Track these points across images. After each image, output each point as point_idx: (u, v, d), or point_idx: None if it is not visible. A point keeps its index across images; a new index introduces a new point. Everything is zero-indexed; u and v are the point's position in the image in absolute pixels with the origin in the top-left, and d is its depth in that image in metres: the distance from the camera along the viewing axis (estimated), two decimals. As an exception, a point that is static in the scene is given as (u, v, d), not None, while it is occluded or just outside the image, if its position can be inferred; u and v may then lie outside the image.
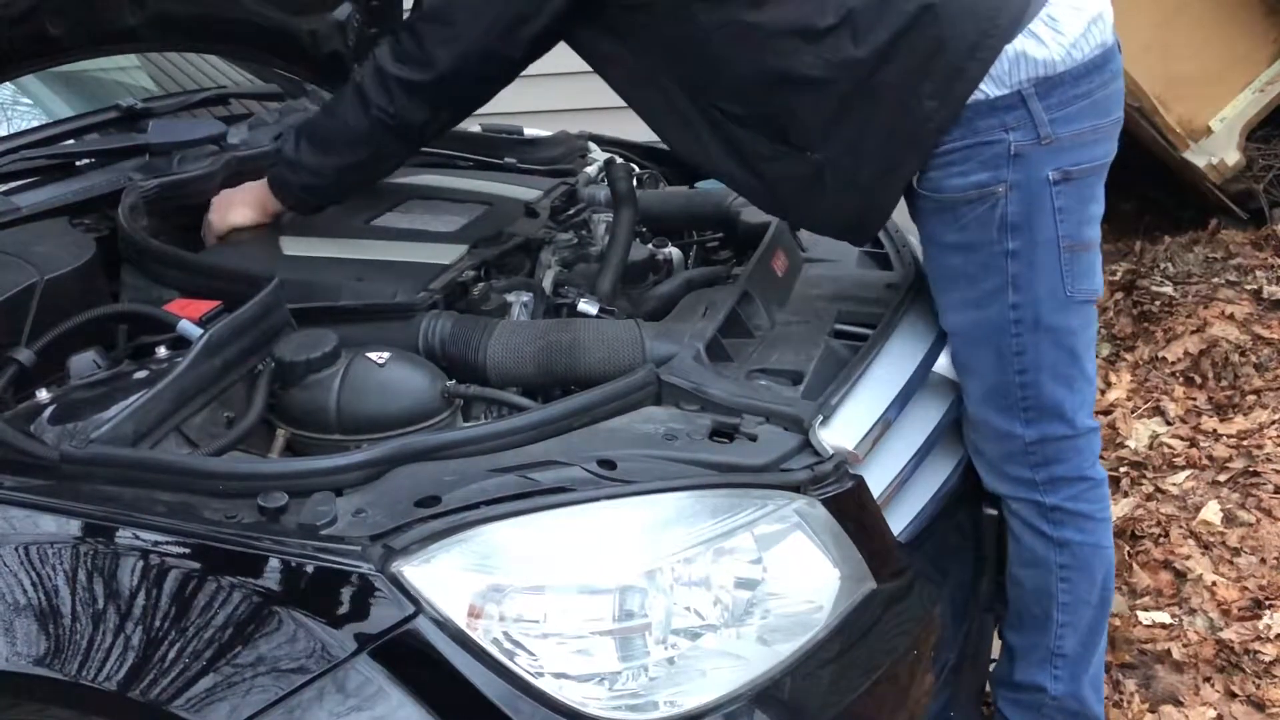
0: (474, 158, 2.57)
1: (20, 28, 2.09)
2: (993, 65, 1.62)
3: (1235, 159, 3.98)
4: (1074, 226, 1.70)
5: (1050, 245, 1.69)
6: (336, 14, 2.69)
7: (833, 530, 1.50)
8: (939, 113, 1.64)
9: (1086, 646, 1.91)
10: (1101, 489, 1.87)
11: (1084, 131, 1.68)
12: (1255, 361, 3.39)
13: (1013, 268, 1.70)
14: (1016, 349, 1.74)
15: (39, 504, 1.41)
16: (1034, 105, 1.64)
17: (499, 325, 1.78)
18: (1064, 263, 1.70)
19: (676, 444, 1.51)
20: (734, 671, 1.42)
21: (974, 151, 1.66)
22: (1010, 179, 1.66)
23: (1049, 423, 1.78)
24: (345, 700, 1.28)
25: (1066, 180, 1.67)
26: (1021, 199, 1.67)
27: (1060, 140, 1.66)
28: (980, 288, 1.73)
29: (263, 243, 2.03)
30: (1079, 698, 1.93)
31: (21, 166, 2.07)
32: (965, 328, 1.78)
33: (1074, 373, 1.77)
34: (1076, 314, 1.75)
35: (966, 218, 1.70)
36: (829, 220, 1.85)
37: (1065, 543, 1.84)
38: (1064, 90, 1.66)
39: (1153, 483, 3.01)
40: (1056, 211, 1.68)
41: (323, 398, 1.66)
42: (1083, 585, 1.87)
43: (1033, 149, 1.65)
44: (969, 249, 1.72)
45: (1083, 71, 1.67)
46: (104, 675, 1.31)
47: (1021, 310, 1.72)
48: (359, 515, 1.35)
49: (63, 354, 1.68)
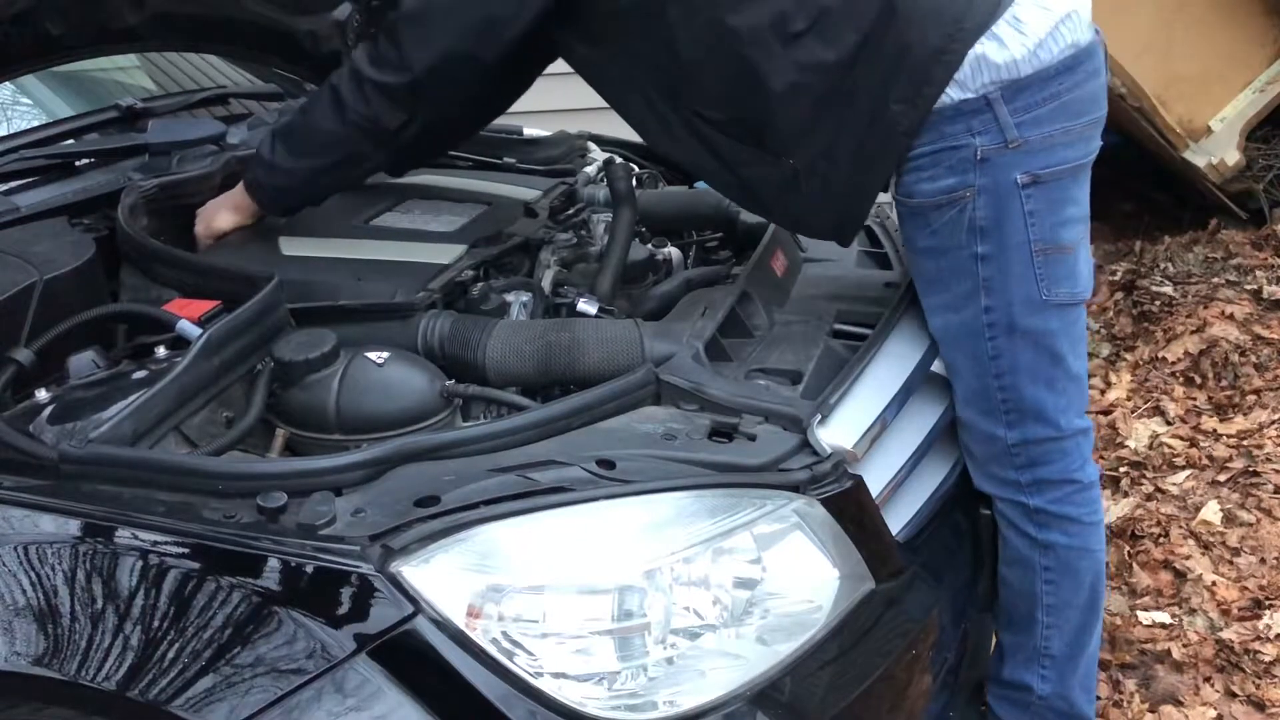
0: (473, 158, 2.57)
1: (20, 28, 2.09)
2: (957, 70, 1.62)
3: (1235, 159, 3.98)
4: (1046, 230, 1.68)
5: (1021, 248, 1.68)
6: (336, 14, 2.69)
7: (832, 530, 1.50)
8: (906, 116, 1.64)
9: (1074, 648, 1.91)
10: (1090, 492, 1.85)
11: (1054, 134, 1.66)
12: (1255, 361, 3.39)
13: (984, 271, 1.70)
14: (992, 352, 1.73)
15: (38, 504, 1.41)
16: (999, 109, 1.63)
17: (498, 325, 1.78)
18: (1037, 266, 1.69)
19: (675, 444, 1.51)
20: (733, 671, 1.42)
21: (942, 156, 1.66)
22: (977, 183, 1.65)
23: (1030, 425, 1.77)
24: (344, 700, 1.28)
25: (1036, 183, 1.66)
26: (989, 203, 1.66)
27: (1029, 143, 1.64)
28: (953, 291, 1.73)
29: (262, 243, 2.03)
30: (1067, 699, 1.93)
31: (21, 166, 2.08)
32: (944, 331, 1.78)
33: (1056, 374, 1.76)
34: (1056, 316, 1.73)
35: (937, 222, 1.70)
36: (808, 222, 1.86)
37: (1050, 545, 1.83)
38: (1031, 93, 1.64)
39: (1153, 483, 3.01)
40: (1027, 215, 1.67)
41: (322, 397, 1.65)
42: (1067, 588, 1.86)
43: (999, 153, 1.64)
44: (940, 253, 1.72)
45: (1052, 73, 1.64)
46: (103, 675, 1.31)
47: (995, 314, 1.71)
48: (358, 515, 1.35)
49: (62, 354, 1.68)
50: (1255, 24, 3.98)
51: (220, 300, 1.75)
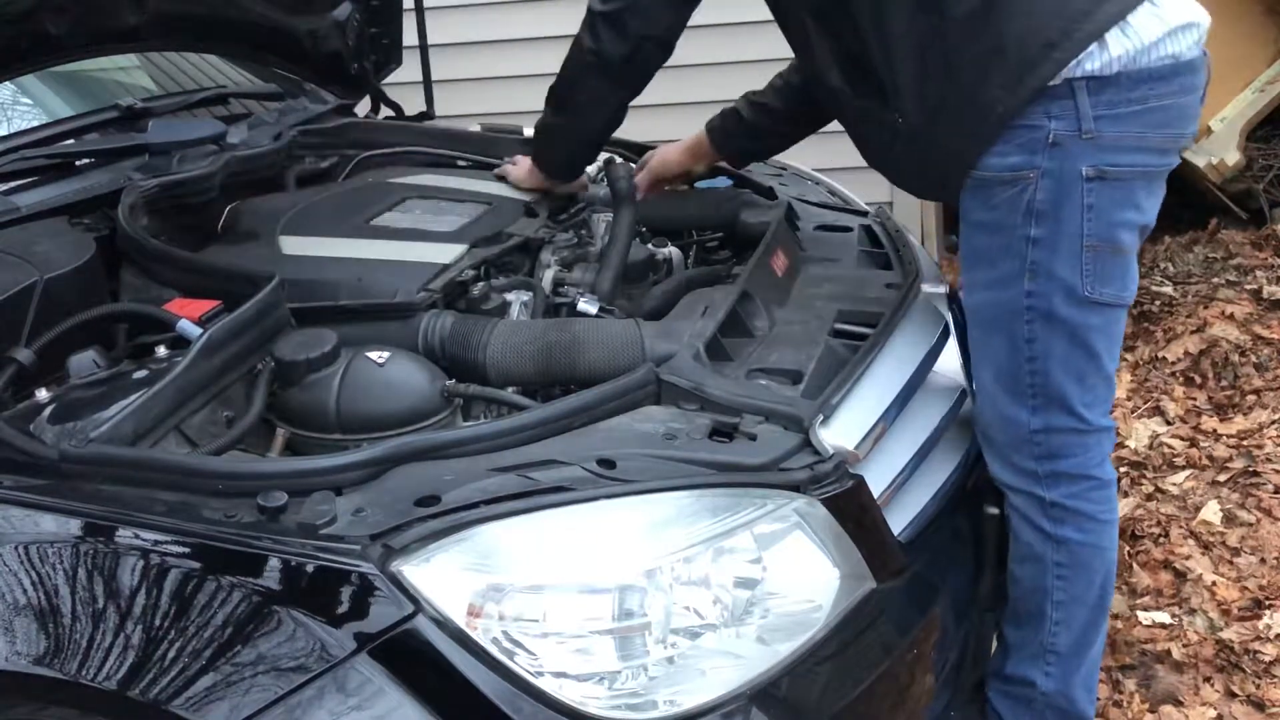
0: (474, 158, 2.57)
1: (20, 28, 2.09)
2: (1066, 67, 1.63)
3: (1235, 159, 3.97)
4: (1103, 227, 1.69)
5: (1074, 240, 1.69)
6: (336, 14, 2.69)
7: (832, 530, 1.50)
8: (1004, 102, 1.66)
9: (1080, 646, 1.91)
10: (1107, 490, 1.85)
11: (1129, 134, 1.67)
12: (1255, 361, 3.39)
13: (1033, 254, 1.70)
14: (1028, 335, 1.74)
15: (39, 503, 1.41)
16: (1082, 99, 1.64)
17: (499, 324, 1.78)
18: (1085, 261, 1.70)
19: (676, 443, 1.51)
20: (733, 671, 1.42)
21: (1015, 134, 1.67)
22: (1044, 166, 1.67)
23: (1055, 413, 1.78)
24: (345, 699, 1.28)
25: (1101, 178, 1.67)
26: (1051, 187, 1.67)
27: (1101, 137, 1.65)
28: (1000, 269, 1.74)
29: (262, 243, 2.03)
30: (1069, 696, 1.93)
31: (21, 166, 2.07)
32: (982, 308, 1.79)
33: (1088, 369, 1.77)
34: (1096, 313, 1.74)
35: (997, 198, 1.71)
36: (909, 181, 1.96)
37: (1064, 540, 1.83)
38: (1117, 91, 1.65)
39: (1153, 483, 3.01)
40: (1086, 208, 1.68)
41: (322, 397, 1.66)
42: (1079, 585, 1.86)
43: (1071, 140, 1.65)
44: (995, 229, 1.73)
45: (1143, 77, 1.65)
46: (104, 674, 1.31)
47: (1036, 299, 1.72)
48: (358, 514, 1.35)
49: (62, 353, 1.68)
50: (1255, 24, 3.98)
51: (220, 300, 1.75)
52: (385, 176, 2.42)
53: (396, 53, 2.90)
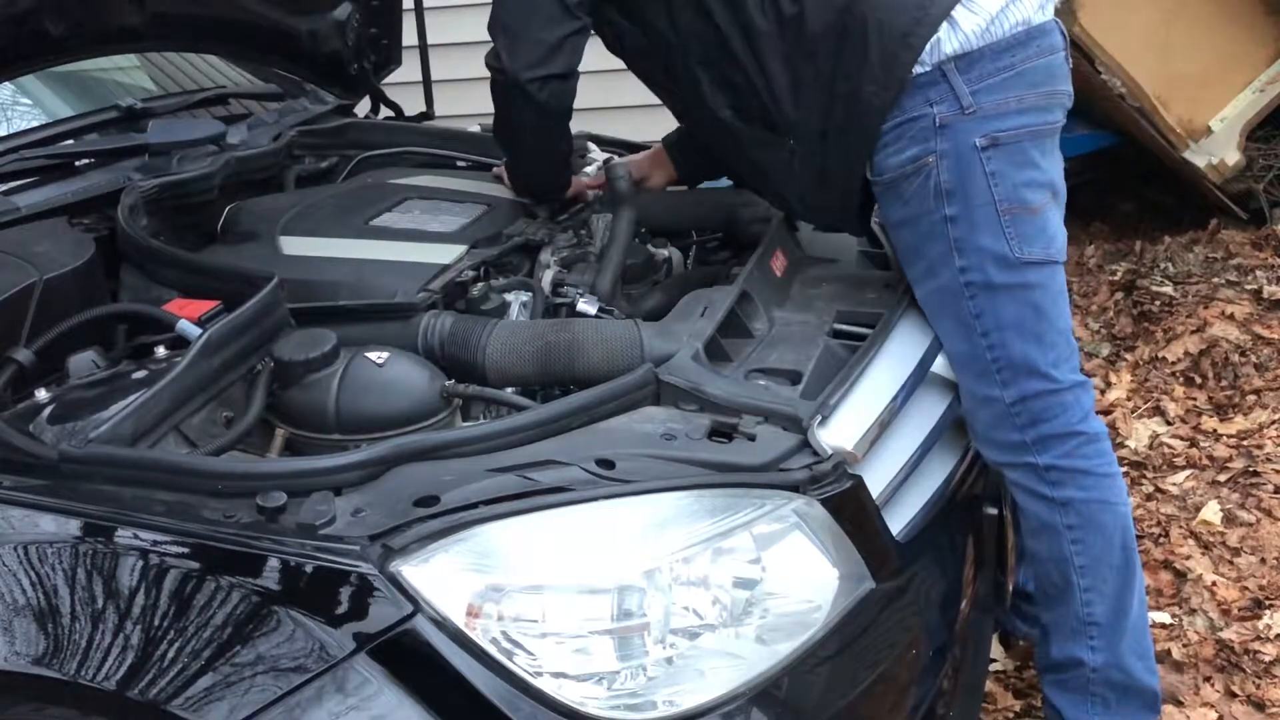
0: (474, 158, 2.57)
1: (20, 28, 2.09)
2: (922, 52, 1.71)
3: (1235, 159, 3.97)
4: (1010, 189, 1.75)
5: (987, 208, 1.75)
6: (336, 14, 2.69)
7: (831, 530, 1.50)
8: (879, 96, 1.74)
9: (1118, 613, 1.89)
10: (1099, 444, 1.86)
11: (1008, 100, 1.75)
12: (1255, 361, 3.39)
13: (954, 232, 1.76)
14: (974, 311, 1.78)
15: (38, 504, 1.41)
16: (954, 79, 1.73)
17: (498, 325, 1.78)
18: (1005, 224, 1.75)
19: (675, 444, 1.51)
20: (732, 671, 1.42)
21: (904, 129, 1.75)
22: (939, 148, 1.74)
23: (1025, 380, 1.79)
24: (344, 699, 1.28)
25: (995, 145, 1.74)
26: (952, 166, 1.74)
27: (983, 108, 1.74)
28: (928, 257, 1.80)
29: (262, 243, 2.03)
30: (1122, 667, 1.91)
31: (21, 166, 2.08)
32: (927, 298, 1.84)
33: (1043, 328, 1.80)
34: (1033, 271, 1.78)
35: (907, 192, 1.78)
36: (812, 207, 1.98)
37: (1068, 502, 1.84)
38: (984, 64, 1.74)
39: (1153, 483, 3.01)
40: (989, 175, 1.74)
41: (322, 397, 1.66)
42: (1097, 545, 1.86)
43: (957, 118, 1.73)
44: (914, 222, 1.80)
45: (1004, 46, 1.75)
46: (103, 674, 1.31)
47: (971, 273, 1.77)
48: (358, 515, 1.36)
49: (62, 354, 1.68)
50: (1255, 24, 3.97)
51: (220, 300, 1.75)
52: (385, 177, 2.43)
53: (396, 53, 2.90)
